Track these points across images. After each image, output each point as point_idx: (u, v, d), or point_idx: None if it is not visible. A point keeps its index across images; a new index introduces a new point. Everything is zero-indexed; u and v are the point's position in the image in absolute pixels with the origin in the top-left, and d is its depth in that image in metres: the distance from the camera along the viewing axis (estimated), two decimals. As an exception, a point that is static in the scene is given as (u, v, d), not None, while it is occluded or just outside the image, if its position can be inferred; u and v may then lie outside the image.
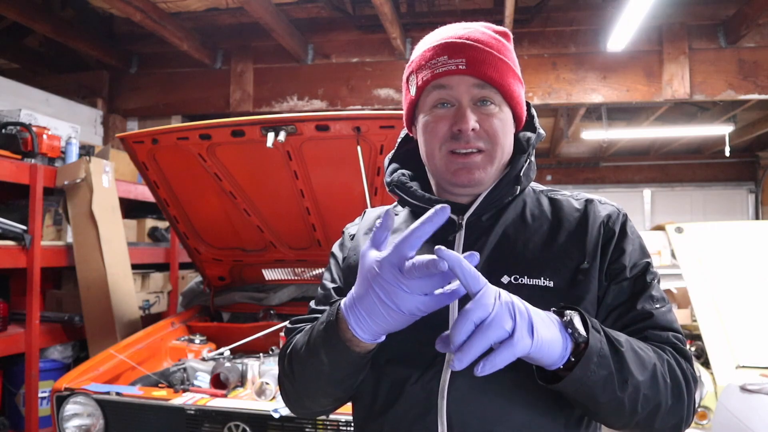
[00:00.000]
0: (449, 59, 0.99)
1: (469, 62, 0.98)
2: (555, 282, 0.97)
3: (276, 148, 2.46)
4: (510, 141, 1.05)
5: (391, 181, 1.12)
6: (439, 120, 1.01)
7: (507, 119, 1.02)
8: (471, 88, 0.99)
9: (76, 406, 2.20)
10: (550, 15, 4.85)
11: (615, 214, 1.05)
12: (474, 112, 0.99)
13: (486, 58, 0.99)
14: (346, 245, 1.17)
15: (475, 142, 1.00)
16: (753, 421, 2.33)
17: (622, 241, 1.02)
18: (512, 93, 1.02)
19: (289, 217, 2.85)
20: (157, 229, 4.36)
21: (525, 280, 0.97)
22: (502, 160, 1.03)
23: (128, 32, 5.19)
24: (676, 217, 8.72)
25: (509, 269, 0.98)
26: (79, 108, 4.87)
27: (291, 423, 1.99)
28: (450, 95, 1.00)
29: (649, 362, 0.88)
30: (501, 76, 1.00)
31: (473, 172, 1.01)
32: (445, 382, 0.95)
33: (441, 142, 1.01)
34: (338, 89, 5.03)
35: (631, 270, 1.00)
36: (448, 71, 0.98)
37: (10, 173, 3.07)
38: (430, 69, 1.00)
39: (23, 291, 3.18)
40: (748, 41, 4.64)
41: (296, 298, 3.20)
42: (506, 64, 1.01)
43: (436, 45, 1.01)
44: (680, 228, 3.33)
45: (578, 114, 6.54)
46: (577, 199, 1.09)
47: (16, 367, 3.26)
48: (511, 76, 1.02)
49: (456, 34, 1.02)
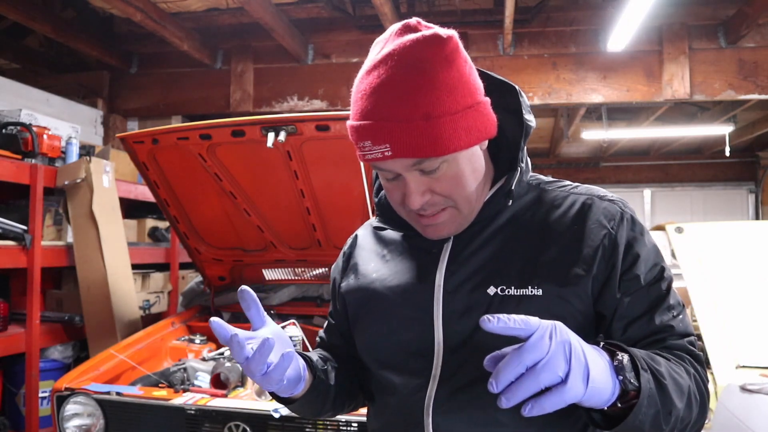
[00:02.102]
0: (373, 145, 0.88)
1: (394, 147, 0.86)
2: (544, 290, 0.92)
3: (276, 148, 2.46)
4: (477, 182, 0.96)
5: (379, 202, 1.11)
6: (393, 189, 0.96)
7: (463, 162, 0.92)
8: (408, 167, 0.90)
9: (77, 406, 2.20)
10: (550, 15, 4.85)
11: (618, 214, 0.97)
12: (421, 182, 0.91)
13: (413, 135, 0.85)
14: (337, 264, 1.20)
15: (434, 207, 0.94)
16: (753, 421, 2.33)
17: (632, 247, 0.95)
18: (459, 143, 0.88)
19: (289, 217, 2.85)
20: (157, 229, 4.36)
21: (512, 290, 0.93)
22: (472, 203, 0.97)
23: (128, 32, 5.19)
24: (676, 217, 8.71)
25: (496, 280, 0.95)
26: (80, 108, 4.87)
27: (291, 423, 2.00)
28: (391, 173, 0.93)
29: (684, 386, 0.86)
30: (436, 142, 0.86)
31: (442, 230, 0.97)
32: (430, 398, 0.95)
33: (401, 203, 0.96)
34: (338, 89, 5.03)
35: (646, 278, 0.94)
36: (377, 158, 0.89)
37: (10, 173, 3.07)
38: (359, 150, 0.91)
39: (23, 291, 3.18)
40: (748, 41, 4.64)
41: (296, 298, 3.20)
42: (441, 115, 0.85)
43: (356, 125, 0.90)
44: (680, 228, 3.33)
45: (578, 114, 6.54)
46: (577, 194, 1.02)
47: (16, 367, 3.26)
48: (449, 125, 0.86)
49: (373, 106, 0.87)
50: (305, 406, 1.06)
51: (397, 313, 1.01)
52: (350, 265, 1.15)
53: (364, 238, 1.17)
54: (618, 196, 1.02)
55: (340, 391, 1.11)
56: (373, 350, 1.05)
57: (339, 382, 1.11)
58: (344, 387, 1.12)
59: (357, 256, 1.15)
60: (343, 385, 1.12)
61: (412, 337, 0.98)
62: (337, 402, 1.12)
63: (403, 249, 1.08)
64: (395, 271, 1.05)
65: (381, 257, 1.10)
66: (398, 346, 1.00)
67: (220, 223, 2.97)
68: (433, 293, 0.98)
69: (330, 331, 1.22)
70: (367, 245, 1.15)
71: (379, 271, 1.08)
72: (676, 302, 0.96)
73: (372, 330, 1.05)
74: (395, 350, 1.00)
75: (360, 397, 1.18)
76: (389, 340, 1.01)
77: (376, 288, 1.06)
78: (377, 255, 1.11)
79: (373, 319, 1.05)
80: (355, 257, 1.15)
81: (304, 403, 1.04)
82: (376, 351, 1.04)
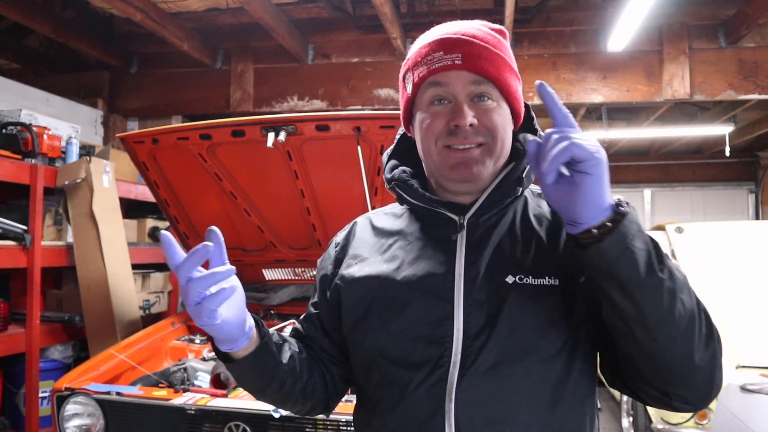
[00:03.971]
0: (445, 54, 0.98)
1: (465, 57, 0.97)
2: (560, 280, 0.95)
3: (276, 148, 2.46)
4: (509, 137, 1.03)
5: (391, 178, 1.10)
6: (436, 117, 1.00)
7: (505, 114, 1.01)
8: (468, 84, 0.98)
9: (77, 406, 2.20)
10: (550, 15, 4.85)
11: None
12: (471, 108, 0.98)
13: (482, 53, 0.98)
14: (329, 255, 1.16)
15: (474, 137, 0.98)
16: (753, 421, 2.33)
17: None
18: (509, 88, 1.01)
19: (289, 217, 2.85)
20: (157, 229, 4.36)
21: (530, 279, 0.96)
22: (501, 156, 1.01)
23: (128, 32, 5.19)
24: (676, 217, 8.70)
25: (513, 269, 0.97)
26: (80, 108, 4.87)
27: (291, 423, 1.99)
28: (446, 92, 0.99)
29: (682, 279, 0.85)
30: (497, 70, 0.99)
31: (471, 167, 0.99)
32: (452, 384, 0.93)
33: (437, 138, 1.00)
34: (338, 89, 5.03)
35: None
36: (445, 66, 0.98)
37: (10, 173, 3.07)
38: (426, 65, 0.99)
39: (24, 291, 3.18)
40: (748, 41, 4.64)
41: (296, 298, 3.20)
42: (503, 59, 1.00)
43: (432, 41, 1.01)
44: (680, 228, 3.33)
45: (578, 114, 6.54)
46: None
47: (16, 366, 3.26)
48: (508, 71, 1.01)
49: (452, 30, 1.01)
50: (244, 373, 1.01)
51: (416, 305, 0.99)
52: (348, 255, 1.12)
53: (363, 230, 1.15)
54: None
55: (292, 377, 1.05)
56: (386, 344, 1.01)
57: (294, 367, 1.05)
58: (300, 377, 1.06)
59: (356, 247, 1.12)
60: (299, 374, 1.06)
61: (430, 328, 0.97)
62: (286, 389, 1.04)
63: (414, 239, 1.06)
64: (410, 262, 1.03)
65: (388, 248, 1.08)
66: (416, 337, 0.98)
67: (220, 223, 2.93)
68: (453, 282, 0.98)
69: (309, 320, 1.15)
70: (367, 238, 1.13)
71: (390, 261, 1.06)
72: None
73: (385, 322, 1.01)
74: (412, 342, 0.98)
75: (320, 404, 1.12)
76: (407, 332, 0.99)
77: (388, 278, 1.03)
78: (382, 247, 1.09)
79: (385, 312, 1.02)
80: (353, 248, 1.12)
81: (244, 369, 0.99)
82: (389, 344, 1.00)
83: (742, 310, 2.94)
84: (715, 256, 3.19)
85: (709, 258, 3.17)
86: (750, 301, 2.98)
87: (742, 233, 3.42)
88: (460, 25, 1.02)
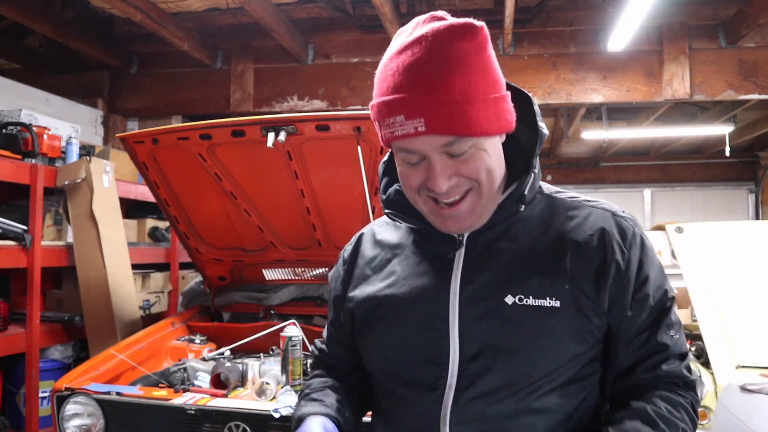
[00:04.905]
0: (406, 120, 0.85)
1: (428, 122, 0.84)
2: (561, 302, 0.92)
3: (276, 148, 2.46)
4: (499, 167, 0.95)
5: (387, 200, 1.07)
6: (412, 173, 0.92)
7: (490, 149, 0.91)
8: (438, 146, 0.88)
9: (77, 406, 2.20)
10: (550, 15, 4.85)
11: (630, 233, 0.98)
12: (447, 165, 0.89)
13: (449, 111, 0.84)
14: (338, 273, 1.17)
15: (456, 190, 0.92)
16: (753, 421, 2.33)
17: (643, 267, 0.96)
18: (489, 126, 0.88)
19: (289, 217, 2.85)
20: (157, 229, 4.36)
21: (530, 300, 0.92)
22: (493, 190, 0.95)
23: (128, 32, 5.19)
24: (676, 217, 8.70)
25: (513, 288, 0.94)
26: (80, 108, 4.86)
27: (291, 423, 1.99)
28: (417, 156, 0.90)
29: None
30: (469, 122, 0.86)
31: (463, 222, 0.95)
32: (447, 407, 0.93)
33: (419, 190, 0.94)
34: (338, 89, 5.03)
35: (654, 297, 0.96)
36: (407, 134, 0.86)
37: (10, 173, 3.07)
38: (388, 128, 0.88)
39: (24, 291, 3.18)
40: (748, 41, 4.64)
41: (296, 298, 3.20)
42: (474, 98, 0.86)
43: (389, 101, 0.87)
44: (680, 228, 3.33)
45: (578, 114, 6.54)
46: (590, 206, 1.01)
47: (16, 366, 3.26)
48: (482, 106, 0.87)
49: (410, 80, 0.85)
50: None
51: (411, 322, 0.98)
52: (355, 274, 1.11)
53: (367, 244, 1.13)
54: (629, 214, 1.02)
55: (360, 414, 1.13)
56: (385, 361, 1.02)
57: (356, 409, 1.11)
58: (361, 408, 1.13)
59: (361, 266, 1.11)
60: (360, 409, 1.13)
61: (426, 347, 0.96)
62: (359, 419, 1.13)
63: (411, 254, 1.05)
64: (405, 278, 1.02)
65: (387, 264, 1.07)
66: (411, 356, 0.97)
67: (220, 223, 2.97)
68: (448, 302, 0.96)
69: (332, 342, 1.19)
70: (370, 253, 1.11)
71: (387, 278, 1.05)
72: (676, 321, 0.98)
73: (383, 340, 1.02)
74: (408, 361, 0.97)
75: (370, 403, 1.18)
76: (402, 350, 0.99)
77: (385, 296, 1.03)
78: (381, 263, 1.08)
79: (383, 329, 1.02)
80: (359, 267, 1.11)
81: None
82: (387, 362, 1.01)
83: (742, 310, 2.94)
84: (715, 256, 3.18)
85: (709, 258, 3.17)
86: (750, 301, 2.98)
87: (742, 233, 3.41)
88: (417, 70, 0.85)
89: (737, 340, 2.80)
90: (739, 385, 2.52)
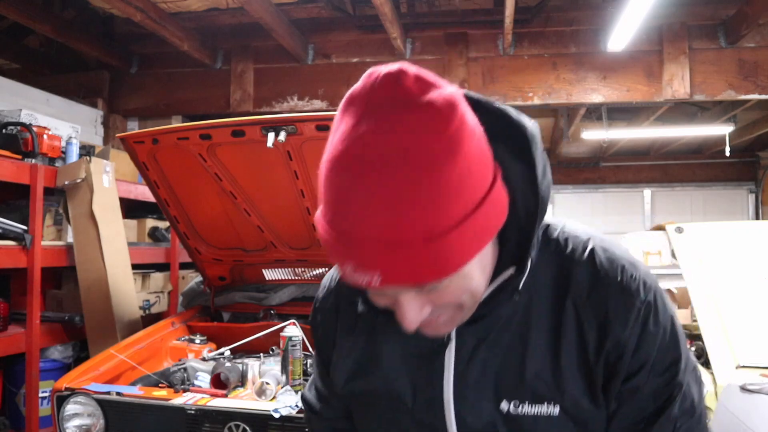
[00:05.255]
0: (357, 271, 0.66)
1: (386, 275, 0.65)
2: (561, 405, 0.80)
3: (276, 148, 2.46)
4: (485, 275, 0.77)
5: None
6: (376, 297, 0.77)
7: (471, 270, 0.72)
8: (402, 290, 0.71)
9: (77, 406, 2.20)
10: (550, 15, 4.85)
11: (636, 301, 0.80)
12: (419, 301, 0.72)
13: (410, 262, 0.64)
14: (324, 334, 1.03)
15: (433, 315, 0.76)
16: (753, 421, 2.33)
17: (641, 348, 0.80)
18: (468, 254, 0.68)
19: (289, 217, 2.85)
20: (157, 229, 4.36)
21: (526, 407, 0.81)
22: (478, 301, 0.78)
23: (128, 32, 5.19)
24: (676, 217, 8.70)
25: (510, 392, 0.82)
26: (80, 108, 4.86)
27: (291, 423, 1.99)
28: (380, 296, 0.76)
29: None
30: (441, 265, 0.66)
31: (441, 331, 0.80)
32: None
33: None
34: (338, 89, 5.02)
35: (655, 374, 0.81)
36: (365, 284, 0.68)
37: (10, 173, 3.07)
38: (341, 269, 0.69)
39: (24, 291, 3.18)
40: (749, 41, 4.64)
41: (296, 298, 3.20)
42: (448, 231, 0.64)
43: (330, 241, 0.68)
44: (680, 228, 3.33)
45: (578, 114, 6.54)
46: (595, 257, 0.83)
47: (16, 367, 3.26)
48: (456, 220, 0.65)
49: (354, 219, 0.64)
50: None
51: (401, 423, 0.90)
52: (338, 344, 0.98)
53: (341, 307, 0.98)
54: (642, 265, 0.84)
55: None
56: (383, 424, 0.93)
57: None
58: None
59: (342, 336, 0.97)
60: None
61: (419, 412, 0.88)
62: None
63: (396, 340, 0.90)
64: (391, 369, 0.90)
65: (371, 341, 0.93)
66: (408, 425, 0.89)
67: (220, 223, 2.97)
68: (443, 405, 0.85)
69: (322, 400, 1.06)
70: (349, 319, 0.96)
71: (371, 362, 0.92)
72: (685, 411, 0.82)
73: None
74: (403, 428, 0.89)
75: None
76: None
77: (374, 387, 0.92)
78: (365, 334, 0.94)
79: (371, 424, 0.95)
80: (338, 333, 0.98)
81: None
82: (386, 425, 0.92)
83: (742, 310, 2.94)
84: (715, 256, 3.18)
85: (709, 258, 3.17)
86: (750, 301, 2.98)
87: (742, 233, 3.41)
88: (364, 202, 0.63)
89: (737, 340, 2.80)
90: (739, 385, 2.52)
